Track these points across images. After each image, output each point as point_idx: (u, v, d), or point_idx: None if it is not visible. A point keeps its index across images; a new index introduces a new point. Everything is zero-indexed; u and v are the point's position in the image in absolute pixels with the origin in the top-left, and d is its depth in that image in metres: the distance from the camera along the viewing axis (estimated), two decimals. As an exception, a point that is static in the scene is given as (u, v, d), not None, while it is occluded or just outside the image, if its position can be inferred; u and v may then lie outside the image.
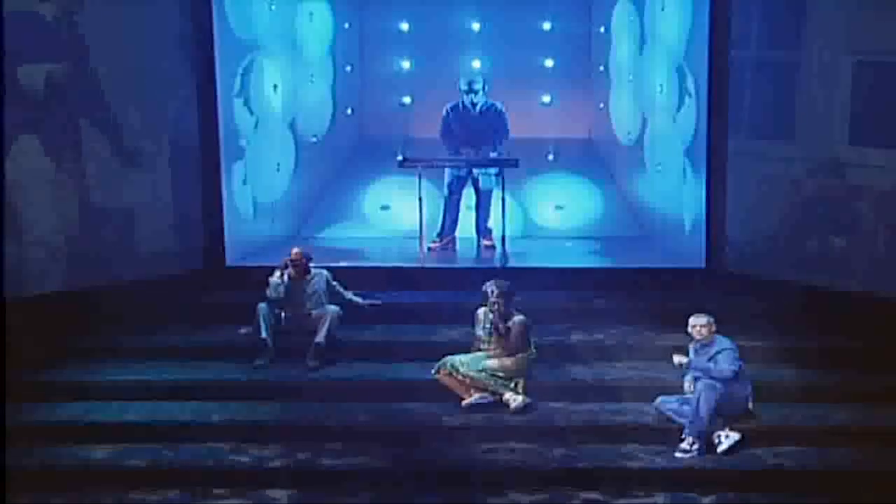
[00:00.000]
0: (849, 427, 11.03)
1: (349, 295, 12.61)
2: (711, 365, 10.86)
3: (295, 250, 12.62)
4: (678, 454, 10.54)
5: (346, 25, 16.96)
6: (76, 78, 12.63)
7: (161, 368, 12.13)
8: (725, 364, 10.85)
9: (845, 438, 10.86)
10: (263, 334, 12.22)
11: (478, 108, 14.63)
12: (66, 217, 12.76)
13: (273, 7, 14.74)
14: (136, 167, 13.18)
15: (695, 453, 10.51)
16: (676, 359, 10.94)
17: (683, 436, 10.61)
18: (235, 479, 10.48)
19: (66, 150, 12.68)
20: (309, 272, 12.53)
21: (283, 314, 12.40)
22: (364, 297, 12.69)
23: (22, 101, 12.22)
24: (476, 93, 14.58)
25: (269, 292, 12.38)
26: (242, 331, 12.35)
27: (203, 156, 13.59)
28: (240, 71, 14.13)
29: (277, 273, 12.45)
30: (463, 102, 14.64)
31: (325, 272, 12.66)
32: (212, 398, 11.62)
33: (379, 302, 12.69)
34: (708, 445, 10.58)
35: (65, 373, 12.09)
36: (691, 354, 11.09)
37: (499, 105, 14.72)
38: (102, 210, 12.99)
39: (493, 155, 14.53)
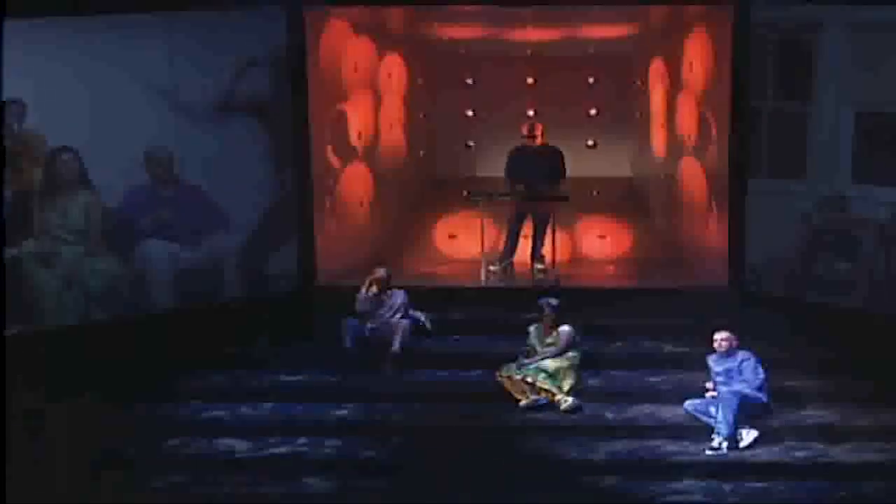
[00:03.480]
0: (853, 425, 11.06)
1: (416, 313, 12.66)
2: (737, 374, 10.88)
3: (379, 270, 12.70)
4: (708, 452, 10.53)
5: (419, 80, 16.95)
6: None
7: (266, 375, 12.38)
8: (752, 373, 10.89)
9: (850, 435, 10.89)
10: (348, 345, 12.32)
11: (538, 150, 14.44)
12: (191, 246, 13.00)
13: (358, 64, 14.78)
14: (243, 202, 13.24)
15: (723, 451, 10.51)
16: (709, 395, 11.00)
17: (713, 436, 10.61)
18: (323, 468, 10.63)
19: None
20: (389, 289, 12.59)
21: (365, 327, 12.40)
22: (425, 315, 12.70)
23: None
24: (535, 137, 14.44)
25: (357, 305, 12.46)
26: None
27: (298, 192, 13.53)
28: (329, 119, 14.14)
29: (364, 289, 12.53)
30: (525, 145, 14.50)
31: (402, 291, 12.67)
32: (306, 400, 11.81)
33: (430, 326, 12.70)
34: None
35: (189, 380, 12.30)
36: (713, 364, 11.07)
37: (557, 147, 14.48)
38: (216, 238, 13.14)
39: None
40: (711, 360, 11.12)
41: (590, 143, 17.04)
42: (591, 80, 17.31)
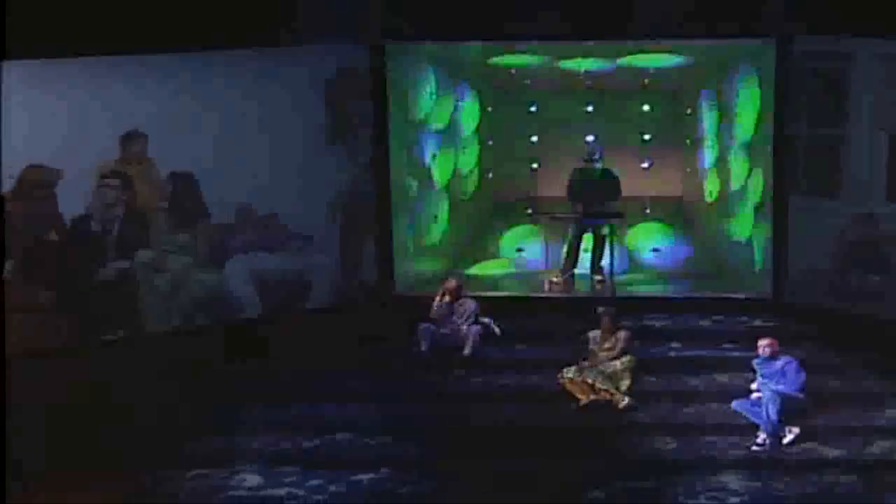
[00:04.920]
0: (885, 425, 11.18)
1: (485, 320, 12.79)
2: (780, 376, 10.96)
3: (452, 281, 12.95)
4: (754, 448, 10.68)
5: (489, 108, 16.94)
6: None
7: (345, 377, 12.43)
8: (794, 376, 10.99)
9: (885, 434, 11.01)
10: (423, 348, 12.53)
11: (597, 173, 14.56)
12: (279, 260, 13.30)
13: (433, 95, 14.96)
14: (329, 220, 13.49)
15: (767, 447, 10.66)
16: (754, 395, 11.12)
17: (758, 433, 10.76)
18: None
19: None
20: (461, 298, 12.76)
21: (439, 332, 12.55)
22: (492, 322, 12.80)
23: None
24: (596, 161, 14.62)
25: (432, 312, 12.64)
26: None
27: (378, 210, 13.72)
28: (407, 144, 14.30)
29: (438, 297, 12.73)
30: (585, 168, 14.64)
31: (472, 300, 12.82)
32: (380, 400, 11.97)
33: (499, 331, 12.84)
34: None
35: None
36: (757, 367, 11.15)
37: (615, 171, 14.62)
38: (302, 252, 13.33)
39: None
40: (756, 364, 11.22)
41: (644, 165, 16.99)
42: (645, 107, 17.24)
